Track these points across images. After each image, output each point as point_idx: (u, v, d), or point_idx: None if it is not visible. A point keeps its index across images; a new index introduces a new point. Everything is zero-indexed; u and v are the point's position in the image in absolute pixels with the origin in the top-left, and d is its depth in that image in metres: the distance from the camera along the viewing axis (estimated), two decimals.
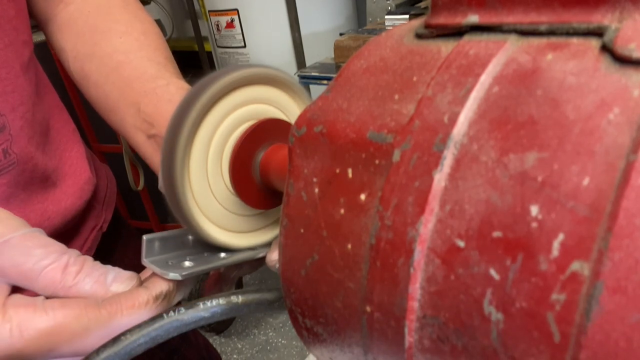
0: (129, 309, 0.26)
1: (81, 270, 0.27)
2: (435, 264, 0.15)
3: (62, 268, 0.26)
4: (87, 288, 0.27)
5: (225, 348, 1.73)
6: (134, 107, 0.41)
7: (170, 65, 0.44)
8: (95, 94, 0.45)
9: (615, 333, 0.11)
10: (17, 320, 0.24)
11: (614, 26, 0.14)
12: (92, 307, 0.26)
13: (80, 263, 0.27)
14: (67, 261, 0.26)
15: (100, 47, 0.45)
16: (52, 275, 0.26)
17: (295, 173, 0.20)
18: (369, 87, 0.19)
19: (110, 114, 0.44)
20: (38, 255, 0.26)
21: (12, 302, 0.25)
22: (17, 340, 0.24)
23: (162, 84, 0.40)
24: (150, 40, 0.46)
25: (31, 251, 0.26)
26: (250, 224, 0.35)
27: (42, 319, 0.24)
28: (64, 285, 0.26)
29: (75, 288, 0.26)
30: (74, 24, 0.47)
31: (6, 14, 0.40)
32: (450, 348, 0.15)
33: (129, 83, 0.42)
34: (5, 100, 0.39)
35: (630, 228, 0.11)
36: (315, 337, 0.20)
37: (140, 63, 0.43)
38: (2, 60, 0.39)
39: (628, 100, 0.13)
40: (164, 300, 0.28)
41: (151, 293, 0.27)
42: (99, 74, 0.44)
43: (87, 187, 0.50)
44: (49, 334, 0.24)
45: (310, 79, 1.29)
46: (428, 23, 0.19)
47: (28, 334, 0.24)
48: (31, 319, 0.24)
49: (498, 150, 0.14)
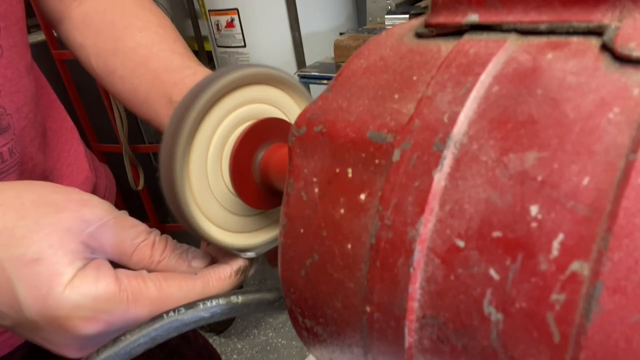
0: (217, 281, 0.31)
1: (166, 247, 0.31)
2: (435, 263, 0.15)
3: (151, 245, 0.30)
4: (172, 263, 0.31)
5: (225, 348, 1.73)
6: (166, 98, 0.42)
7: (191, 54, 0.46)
8: (123, 88, 0.46)
9: (615, 333, 0.11)
10: (131, 290, 0.28)
11: (614, 25, 0.14)
12: (190, 279, 0.30)
13: (164, 241, 0.31)
14: (154, 239, 0.30)
15: (123, 43, 0.46)
16: (143, 252, 0.30)
17: (295, 173, 0.20)
18: (369, 87, 0.19)
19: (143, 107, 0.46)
20: (131, 234, 0.30)
21: (124, 274, 0.28)
22: (133, 307, 0.27)
23: (190, 74, 0.42)
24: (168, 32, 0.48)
25: (125, 231, 0.29)
26: (251, 224, 0.35)
27: (152, 289, 0.28)
28: (153, 260, 0.30)
29: (163, 263, 0.31)
30: (91, 22, 0.48)
31: (15, 15, 0.41)
32: (450, 348, 0.15)
33: (157, 75, 0.44)
34: (10, 101, 0.40)
35: (630, 228, 0.11)
36: (315, 337, 0.20)
37: (165, 55, 0.45)
38: (8, 60, 0.39)
39: (628, 100, 0.13)
40: (242, 274, 0.33)
41: (232, 268, 0.32)
42: (124, 68, 0.46)
43: (85, 186, 0.50)
44: (159, 300, 0.28)
45: (310, 79, 1.29)
46: (428, 22, 0.19)
47: (142, 302, 0.28)
48: (143, 288, 0.28)
49: (498, 149, 0.14)
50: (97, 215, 0.29)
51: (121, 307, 0.27)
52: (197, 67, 0.43)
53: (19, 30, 0.42)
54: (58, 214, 0.28)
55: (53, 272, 0.26)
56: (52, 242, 0.27)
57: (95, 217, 0.28)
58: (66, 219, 0.28)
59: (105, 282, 0.27)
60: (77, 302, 0.26)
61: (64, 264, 0.26)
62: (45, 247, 0.26)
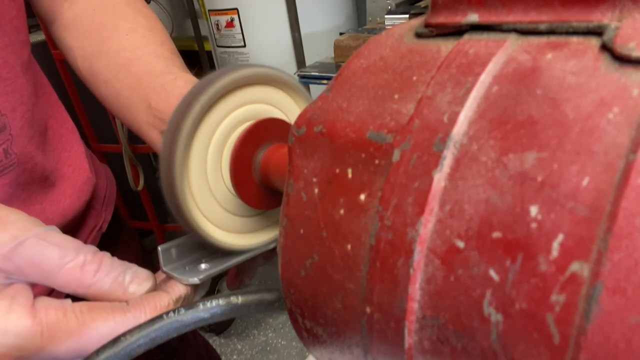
0: (152, 312, 0.27)
1: (99, 269, 0.27)
2: (435, 264, 0.15)
3: (79, 266, 0.27)
4: (105, 287, 0.27)
5: (225, 349, 1.73)
6: (145, 103, 0.41)
7: (177, 59, 0.45)
8: (106, 91, 0.45)
9: (614, 334, 0.11)
10: (47, 323, 0.25)
11: (614, 25, 0.14)
12: (119, 311, 0.27)
13: (97, 261, 0.27)
14: (85, 259, 0.27)
15: (108, 45, 0.45)
16: (70, 274, 0.26)
17: (295, 173, 0.20)
18: (369, 87, 0.19)
19: (123, 112, 0.45)
20: (55, 254, 0.26)
21: (42, 304, 0.26)
22: (48, 342, 0.25)
23: (171, 79, 0.41)
24: (155, 35, 0.46)
25: (47, 250, 0.26)
26: (251, 224, 0.35)
27: (72, 322, 0.25)
28: (82, 283, 0.27)
29: (94, 287, 0.27)
30: (80, 23, 0.47)
31: (7, 14, 0.40)
32: (450, 349, 0.15)
33: (138, 80, 0.42)
34: (6, 100, 0.39)
35: (629, 228, 0.11)
36: (315, 338, 0.20)
37: (148, 59, 0.43)
38: (2, 60, 0.39)
39: (627, 100, 0.13)
40: (183, 302, 0.29)
41: (171, 297, 0.29)
42: (108, 71, 0.45)
43: (86, 187, 0.50)
44: (79, 335, 0.25)
45: (310, 79, 1.29)
46: (428, 22, 0.19)
47: (59, 337, 0.25)
48: (62, 321, 0.25)
49: (498, 150, 0.14)
50: (11, 234, 0.26)
51: (34, 342, 0.24)
52: (180, 72, 0.42)
53: (14, 28, 0.41)
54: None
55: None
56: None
57: (8, 236, 0.25)
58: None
59: (17, 314, 0.24)
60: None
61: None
62: None
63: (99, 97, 0.47)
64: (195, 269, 0.31)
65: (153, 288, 0.29)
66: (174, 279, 0.30)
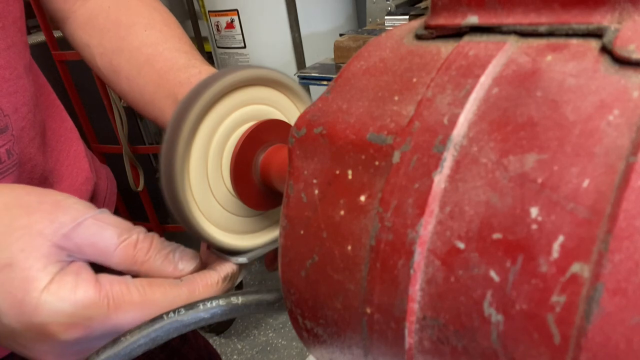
0: (204, 287, 0.30)
1: (151, 247, 0.29)
2: (435, 265, 0.15)
3: (133, 245, 0.29)
4: (158, 264, 0.29)
5: (225, 349, 1.73)
6: (171, 98, 0.42)
7: (196, 52, 0.46)
8: (128, 88, 0.46)
9: (615, 335, 0.11)
10: (113, 296, 0.27)
11: (614, 27, 0.14)
12: (175, 286, 0.29)
13: (149, 240, 0.29)
14: (137, 238, 0.29)
15: (128, 42, 0.46)
16: (125, 252, 0.28)
17: (295, 174, 0.20)
18: (369, 88, 0.19)
19: (148, 107, 0.45)
20: (110, 233, 0.28)
21: (106, 279, 0.27)
22: (114, 313, 0.26)
23: (195, 73, 0.42)
24: (172, 30, 0.47)
25: (104, 230, 0.28)
26: (251, 225, 0.35)
27: (135, 295, 0.27)
28: (136, 260, 0.29)
29: (147, 264, 0.29)
30: (96, 20, 0.48)
31: (12, 15, 0.41)
32: (451, 349, 0.15)
33: (162, 75, 0.43)
34: (8, 101, 0.39)
35: (630, 230, 0.11)
36: (316, 338, 0.20)
37: (170, 54, 0.44)
38: (5, 61, 0.39)
39: (627, 102, 0.13)
40: (230, 281, 0.31)
41: (220, 274, 0.31)
42: (130, 67, 0.45)
43: (85, 187, 0.50)
44: (142, 307, 0.27)
45: (310, 80, 1.29)
46: (428, 24, 0.19)
47: (124, 309, 0.27)
48: (126, 294, 0.27)
49: (498, 151, 0.14)
50: (71, 216, 0.27)
51: (102, 313, 0.26)
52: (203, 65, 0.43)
53: (17, 30, 0.42)
54: (30, 217, 0.27)
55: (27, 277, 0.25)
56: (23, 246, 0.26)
57: (69, 218, 0.27)
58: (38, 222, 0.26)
59: (84, 288, 0.26)
60: (54, 308, 0.25)
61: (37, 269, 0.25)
62: (16, 251, 0.25)
63: (121, 93, 0.48)
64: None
65: (199, 267, 0.31)
66: (222, 257, 0.32)
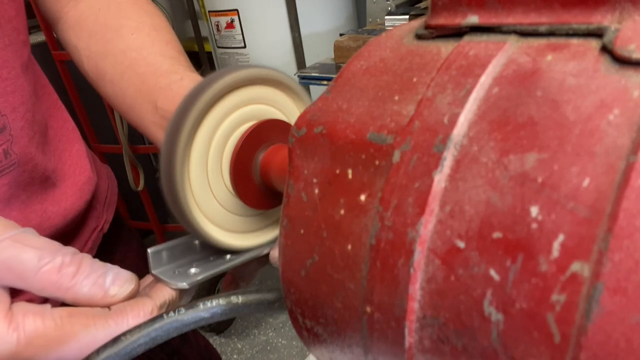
0: (134, 319, 0.26)
1: (78, 271, 0.26)
2: (436, 264, 0.15)
3: (57, 269, 0.25)
4: (85, 290, 0.26)
5: (225, 348, 1.73)
6: (151, 104, 0.41)
7: (182, 58, 0.45)
8: (112, 92, 0.45)
9: (615, 334, 0.11)
10: (26, 329, 0.24)
11: (614, 27, 0.14)
12: (100, 317, 0.26)
13: (77, 263, 0.26)
14: (62, 261, 0.26)
15: (113, 45, 0.45)
16: (47, 277, 0.25)
17: (295, 174, 0.20)
18: (369, 88, 0.19)
19: (129, 112, 0.44)
20: (30, 256, 0.25)
21: (20, 309, 0.25)
22: (24, 349, 0.24)
23: (177, 79, 0.40)
24: (161, 34, 0.46)
25: (23, 253, 0.25)
26: (251, 224, 0.35)
27: (50, 329, 0.24)
28: (60, 286, 0.26)
29: (73, 290, 0.26)
30: (85, 22, 0.47)
31: (7, 14, 0.40)
32: (451, 348, 0.15)
33: (144, 80, 0.42)
34: (6, 101, 0.39)
35: (630, 229, 0.11)
36: (316, 338, 0.20)
37: (154, 59, 0.43)
38: (2, 60, 0.39)
39: (628, 101, 0.13)
40: (168, 308, 0.29)
41: (155, 302, 0.28)
42: (114, 71, 0.45)
43: (87, 187, 0.50)
44: (59, 343, 0.24)
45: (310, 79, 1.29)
46: (428, 24, 0.19)
47: (37, 343, 0.24)
48: (40, 328, 0.24)
49: (498, 151, 0.14)
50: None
51: (9, 349, 0.24)
52: (186, 72, 0.42)
53: (13, 29, 0.41)
54: None
55: None
56: None
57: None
58: None
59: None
60: None
61: None
62: None
63: (105, 97, 0.47)
64: (185, 273, 0.31)
65: (136, 290, 0.28)
66: (161, 282, 0.30)
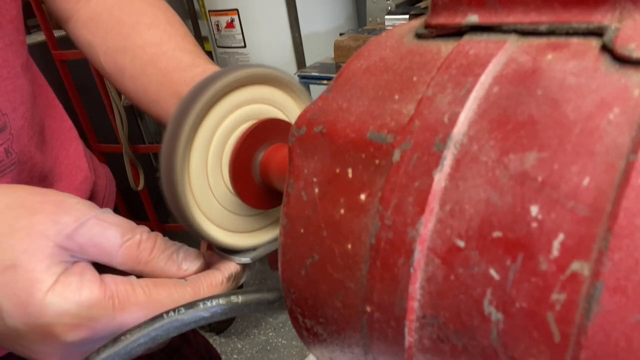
0: (208, 287, 0.30)
1: (154, 247, 0.29)
2: (435, 264, 0.15)
3: (136, 244, 0.28)
4: (161, 264, 0.29)
5: (225, 348, 1.73)
6: (176, 97, 0.42)
7: (200, 51, 0.46)
8: (133, 87, 0.46)
9: (615, 333, 0.11)
10: (118, 296, 0.27)
11: (614, 26, 0.14)
12: (180, 286, 0.29)
13: (152, 240, 0.29)
14: (141, 238, 0.29)
15: (132, 41, 0.46)
16: (128, 252, 0.28)
17: (295, 173, 0.20)
18: (369, 87, 0.19)
19: (152, 106, 0.45)
20: (113, 233, 0.28)
21: (110, 279, 0.27)
22: (119, 314, 0.26)
23: (199, 72, 0.42)
24: (176, 29, 0.47)
25: (107, 230, 0.28)
26: (251, 224, 0.35)
27: (140, 295, 0.27)
28: (139, 260, 0.29)
29: (151, 264, 0.29)
30: (99, 19, 0.48)
31: (8, 14, 0.41)
32: (450, 348, 0.15)
33: (166, 74, 0.43)
34: (6, 100, 0.39)
35: (630, 228, 0.11)
36: (315, 337, 0.20)
37: (174, 54, 0.44)
38: (3, 59, 0.39)
39: (628, 100, 0.13)
40: (234, 280, 0.32)
41: (224, 274, 0.31)
42: (133, 67, 0.45)
43: (84, 186, 0.50)
44: (147, 307, 0.27)
45: (310, 79, 1.29)
46: (428, 23, 0.19)
47: (129, 309, 0.27)
48: (131, 295, 0.27)
49: (498, 150, 0.14)
50: (73, 216, 0.27)
51: (107, 313, 0.26)
52: (207, 64, 0.43)
53: (14, 28, 0.42)
54: (32, 217, 0.26)
55: (30, 278, 0.25)
56: (26, 247, 0.25)
57: (71, 218, 0.27)
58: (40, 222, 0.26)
59: (89, 288, 0.26)
60: (59, 309, 0.25)
61: (41, 270, 0.25)
62: (19, 252, 0.25)
63: (124, 92, 0.48)
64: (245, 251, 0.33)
65: (203, 267, 0.31)
66: (226, 258, 0.32)
